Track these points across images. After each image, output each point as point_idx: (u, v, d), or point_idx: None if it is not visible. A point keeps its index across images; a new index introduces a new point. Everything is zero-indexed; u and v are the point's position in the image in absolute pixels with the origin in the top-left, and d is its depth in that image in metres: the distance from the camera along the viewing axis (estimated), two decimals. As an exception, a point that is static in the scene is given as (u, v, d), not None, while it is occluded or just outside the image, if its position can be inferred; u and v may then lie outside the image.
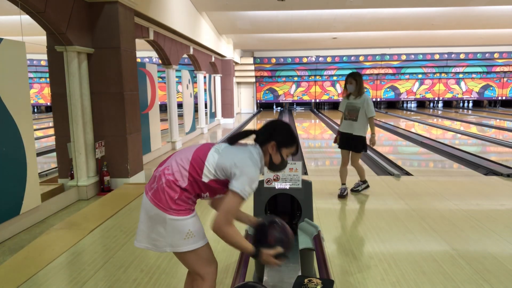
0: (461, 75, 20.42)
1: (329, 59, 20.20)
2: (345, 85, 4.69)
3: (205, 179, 1.82)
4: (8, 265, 3.15)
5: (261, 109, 21.84)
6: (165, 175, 1.83)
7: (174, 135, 9.16)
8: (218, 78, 15.13)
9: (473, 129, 12.67)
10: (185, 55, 10.47)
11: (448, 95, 20.82)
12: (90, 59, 5.24)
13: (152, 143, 7.80)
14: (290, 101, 21.40)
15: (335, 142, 4.97)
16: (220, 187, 1.86)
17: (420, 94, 20.86)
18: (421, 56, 20.13)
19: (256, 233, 2.00)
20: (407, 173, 6.32)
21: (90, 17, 5.20)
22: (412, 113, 19.28)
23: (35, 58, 19.01)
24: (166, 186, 1.80)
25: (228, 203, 1.78)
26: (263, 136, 1.94)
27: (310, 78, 20.75)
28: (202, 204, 4.73)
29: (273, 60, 20.41)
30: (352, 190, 4.96)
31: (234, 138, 1.95)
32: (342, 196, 4.83)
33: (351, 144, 4.74)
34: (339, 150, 4.90)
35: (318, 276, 2.15)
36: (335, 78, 20.67)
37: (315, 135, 12.46)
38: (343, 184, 4.91)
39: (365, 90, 4.70)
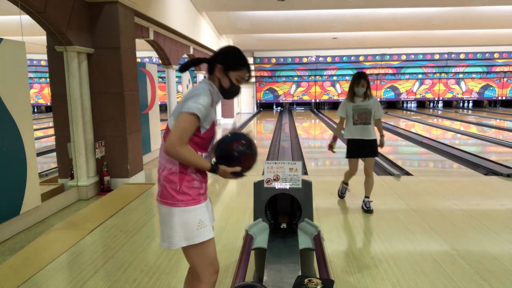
0: (461, 75, 20.42)
1: (329, 59, 20.20)
2: (352, 88, 4.17)
3: None
4: (8, 265, 3.15)
5: (261, 109, 21.84)
6: (160, 174, 1.87)
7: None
8: (218, 78, 15.11)
9: (473, 129, 12.67)
10: (185, 55, 10.47)
11: (448, 95, 20.81)
12: (90, 59, 5.24)
13: (152, 143, 7.80)
14: (290, 101, 21.39)
15: (330, 148, 4.43)
16: (199, 136, 1.83)
17: (420, 94, 20.86)
18: (421, 56, 20.13)
19: (218, 146, 1.92)
20: (407, 173, 6.32)
21: (90, 17, 5.20)
22: (412, 113, 19.28)
23: (35, 58, 19.02)
24: (166, 183, 1.83)
25: (178, 123, 1.74)
26: (211, 62, 1.90)
27: (310, 78, 20.75)
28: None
29: (273, 60, 20.42)
30: (366, 211, 4.34)
31: (184, 66, 1.99)
32: (342, 196, 4.77)
33: (367, 150, 4.25)
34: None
35: (318, 276, 2.15)
36: (335, 78, 20.67)
37: (315, 135, 12.47)
38: (346, 183, 4.72)
39: None
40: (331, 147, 4.44)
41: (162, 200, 1.84)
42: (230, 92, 1.92)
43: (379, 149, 4.37)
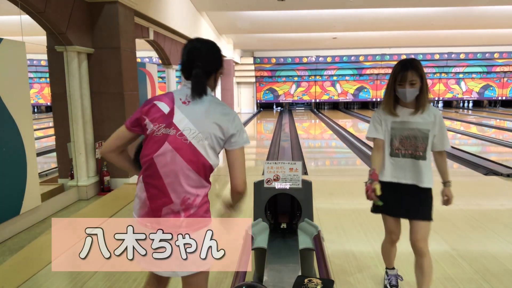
0: (461, 75, 20.42)
1: (329, 59, 20.19)
2: (393, 87, 2.30)
3: (214, 162, 1.68)
4: (8, 265, 3.15)
5: (261, 109, 21.83)
6: (192, 203, 1.65)
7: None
8: (218, 78, 15.12)
9: (473, 129, 12.67)
10: (185, 55, 10.46)
11: (448, 95, 20.81)
12: (90, 59, 5.24)
13: (152, 143, 7.78)
14: (290, 101, 21.39)
15: (372, 195, 2.20)
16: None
17: (420, 94, 20.84)
18: (421, 56, 20.12)
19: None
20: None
21: (90, 17, 5.20)
22: (412, 113, 19.24)
23: (35, 58, 19.00)
24: (199, 208, 1.67)
25: (241, 160, 1.67)
26: (210, 67, 1.70)
27: (310, 78, 20.74)
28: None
29: (273, 60, 20.41)
30: None
31: (198, 91, 1.67)
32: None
33: (414, 206, 2.33)
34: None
35: (318, 276, 2.15)
36: (335, 78, 20.66)
37: (315, 135, 12.46)
38: (390, 268, 2.69)
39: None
40: (373, 192, 2.20)
41: (197, 227, 1.64)
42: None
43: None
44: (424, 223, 2.32)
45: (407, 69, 2.24)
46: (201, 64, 1.66)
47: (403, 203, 2.35)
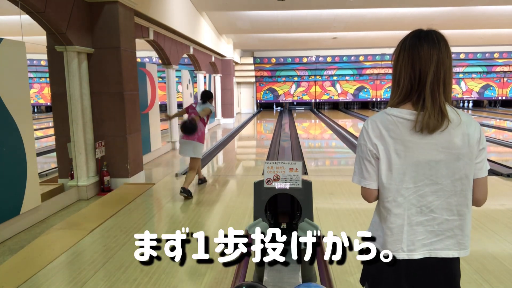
0: (461, 75, 20.41)
1: (329, 59, 20.19)
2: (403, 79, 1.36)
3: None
4: (8, 265, 3.15)
5: (261, 109, 21.83)
6: (199, 131, 5.07)
7: (174, 135, 9.17)
8: (218, 78, 15.12)
9: (473, 129, 12.65)
10: (185, 55, 10.47)
11: (448, 95, 20.80)
12: (90, 59, 5.24)
13: (152, 143, 7.80)
14: (290, 101, 21.39)
15: None
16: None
17: (420, 94, 20.83)
18: (421, 56, 20.10)
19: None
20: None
21: (90, 17, 5.20)
22: (412, 113, 19.22)
23: (35, 58, 19.00)
24: (201, 134, 5.12)
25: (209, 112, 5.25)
26: (208, 98, 5.29)
27: (310, 78, 20.74)
28: (202, 204, 4.70)
29: (273, 60, 20.40)
30: None
31: (204, 102, 5.34)
32: None
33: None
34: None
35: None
36: (335, 78, 20.66)
37: (315, 135, 12.46)
38: None
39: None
40: None
41: (198, 140, 5.05)
42: None
43: None
44: None
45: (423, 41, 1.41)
46: (207, 98, 5.32)
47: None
